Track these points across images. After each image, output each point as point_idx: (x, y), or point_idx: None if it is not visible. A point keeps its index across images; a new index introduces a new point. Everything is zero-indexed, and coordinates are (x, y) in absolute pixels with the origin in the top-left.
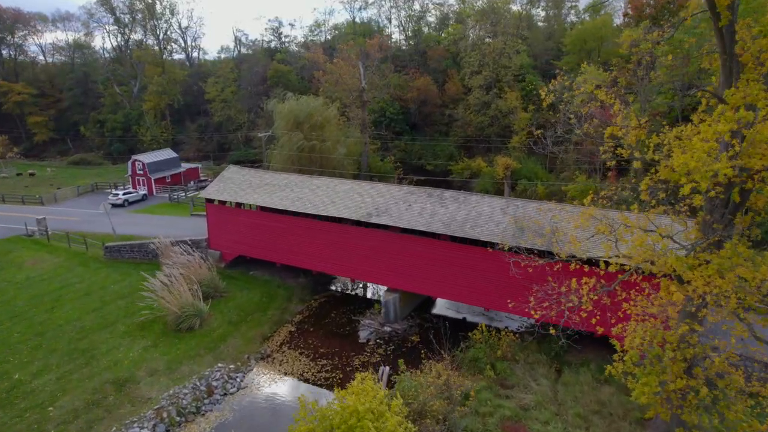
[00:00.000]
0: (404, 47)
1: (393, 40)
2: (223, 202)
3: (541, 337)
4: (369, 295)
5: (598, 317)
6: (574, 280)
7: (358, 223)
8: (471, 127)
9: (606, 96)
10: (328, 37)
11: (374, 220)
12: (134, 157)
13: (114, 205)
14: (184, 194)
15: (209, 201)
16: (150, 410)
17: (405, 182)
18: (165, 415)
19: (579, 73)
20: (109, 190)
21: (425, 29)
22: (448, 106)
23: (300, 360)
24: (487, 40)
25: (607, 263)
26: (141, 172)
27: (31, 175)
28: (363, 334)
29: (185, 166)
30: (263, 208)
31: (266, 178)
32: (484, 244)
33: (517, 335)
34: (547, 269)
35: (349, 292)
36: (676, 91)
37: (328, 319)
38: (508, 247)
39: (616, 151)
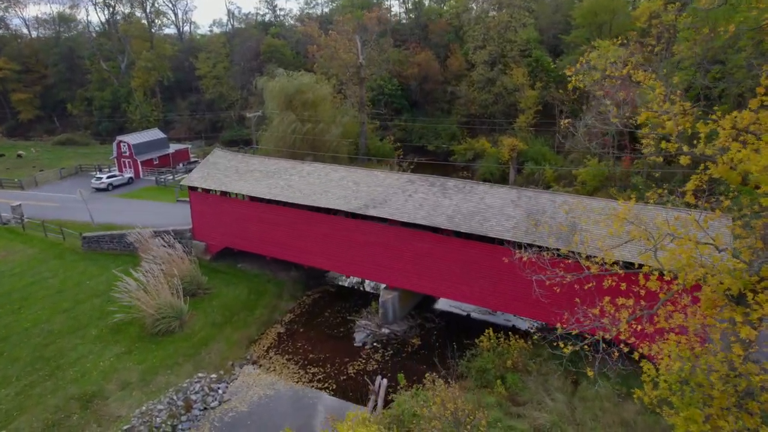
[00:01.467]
0: (404, 20)
1: (392, 13)
2: (207, 190)
3: (554, 341)
4: (366, 288)
5: (641, 349)
6: (607, 299)
7: (353, 214)
8: (474, 105)
9: (645, 77)
10: (326, 10)
11: (371, 212)
12: (119, 137)
13: (98, 189)
14: (172, 177)
15: (192, 189)
16: (118, 431)
17: (405, 163)
18: None
19: (592, 48)
20: (94, 173)
21: (426, 1)
22: (450, 82)
23: (288, 367)
24: (491, 12)
25: (646, 276)
26: (127, 154)
27: (19, 156)
28: (359, 337)
29: (174, 147)
30: (251, 198)
31: (254, 163)
32: (492, 240)
33: (529, 342)
34: (577, 287)
35: (344, 284)
36: (699, 67)
37: (321, 319)
38: (526, 257)
39: (660, 145)
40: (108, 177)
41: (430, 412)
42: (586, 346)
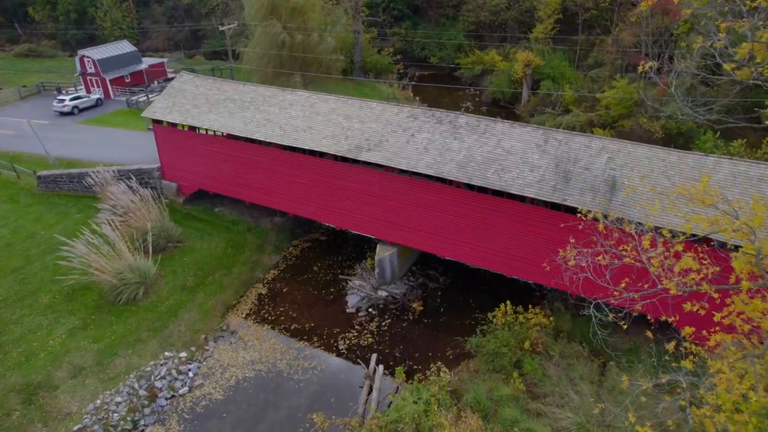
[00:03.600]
0: None
1: None
2: (174, 124)
3: (575, 311)
4: (362, 234)
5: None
6: (689, 331)
7: (344, 158)
8: (484, 12)
9: None
10: None
11: (364, 156)
12: (81, 52)
13: (61, 114)
14: (145, 98)
15: (157, 122)
16: None
17: (405, 79)
18: None
19: None
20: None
21: None
22: None
23: (270, 340)
24: None
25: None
26: (93, 71)
27: None
28: (351, 301)
29: (147, 61)
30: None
31: (227, 90)
32: (512, 195)
33: (550, 317)
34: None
35: (337, 230)
36: None
37: (309, 275)
38: (573, 261)
39: None
40: (72, 99)
41: None
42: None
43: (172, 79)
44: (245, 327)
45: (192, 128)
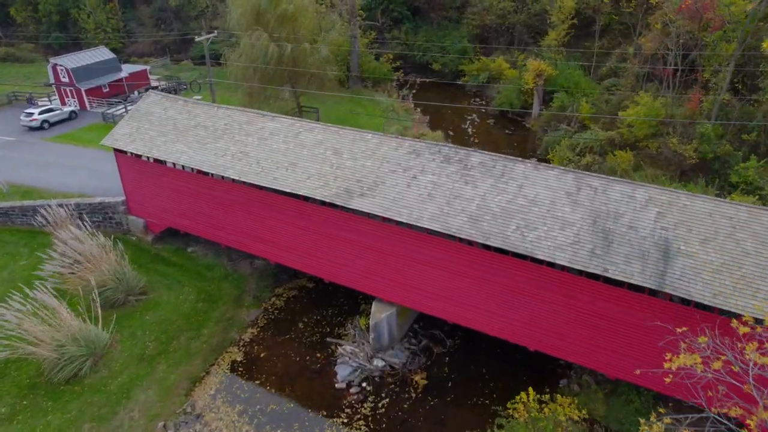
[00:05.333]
0: None
1: None
2: (138, 154)
3: (608, 388)
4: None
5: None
6: None
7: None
8: (490, 14)
9: None
10: None
11: (356, 203)
12: (53, 60)
13: (30, 128)
14: (123, 109)
15: (119, 151)
16: None
17: (406, 88)
18: None
19: None
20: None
21: None
22: None
23: (242, 429)
24: None
25: None
26: (67, 81)
27: None
28: (342, 373)
29: (128, 68)
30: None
31: (199, 115)
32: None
33: (583, 410)
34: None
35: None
36: None
37: (293, 334)
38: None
39: None
40: (41, 112)
41: None
42: None
43: (156, 87)
44: (213, 408)
45: (158, 160)
